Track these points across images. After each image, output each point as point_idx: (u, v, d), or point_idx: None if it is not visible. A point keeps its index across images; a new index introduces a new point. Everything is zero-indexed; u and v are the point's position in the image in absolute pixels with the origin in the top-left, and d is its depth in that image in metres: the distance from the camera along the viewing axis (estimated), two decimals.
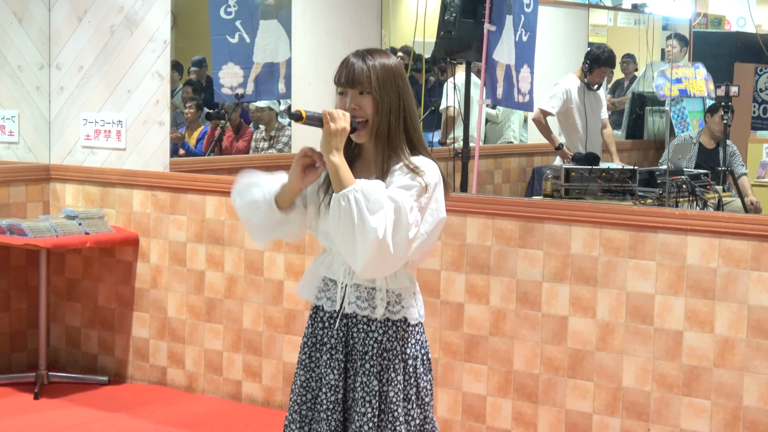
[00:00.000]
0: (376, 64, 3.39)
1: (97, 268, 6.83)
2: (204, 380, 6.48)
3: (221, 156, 7.96)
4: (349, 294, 3.44)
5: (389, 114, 3.37)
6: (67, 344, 6.99)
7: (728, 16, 12.85)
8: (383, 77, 3.38)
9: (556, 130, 8.44)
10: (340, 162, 3.28)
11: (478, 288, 5.57)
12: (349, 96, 3.39)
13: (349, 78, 3.38)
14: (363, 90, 3.38)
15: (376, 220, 3.19)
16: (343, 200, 3.23)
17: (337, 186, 3.27)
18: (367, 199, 3.21)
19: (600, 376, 5.29)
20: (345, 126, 3.30)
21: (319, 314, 3.54)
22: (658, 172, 7.24)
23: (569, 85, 8.31)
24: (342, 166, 3.28)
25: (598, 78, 8.37)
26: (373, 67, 3.38)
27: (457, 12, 6.66)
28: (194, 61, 8.28)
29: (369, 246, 3.19)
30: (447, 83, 8.66)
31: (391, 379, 3.44)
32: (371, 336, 3.44)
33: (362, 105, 3.38)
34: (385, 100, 3.37)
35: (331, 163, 3.28)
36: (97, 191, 6.81)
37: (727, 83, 8.37)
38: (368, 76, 3.37)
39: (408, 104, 3.43)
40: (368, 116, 3.37)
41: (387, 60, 3.43)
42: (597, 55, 8.34)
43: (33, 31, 6.91)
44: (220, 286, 6.38)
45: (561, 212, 5.38)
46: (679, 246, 5.05)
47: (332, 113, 3.31)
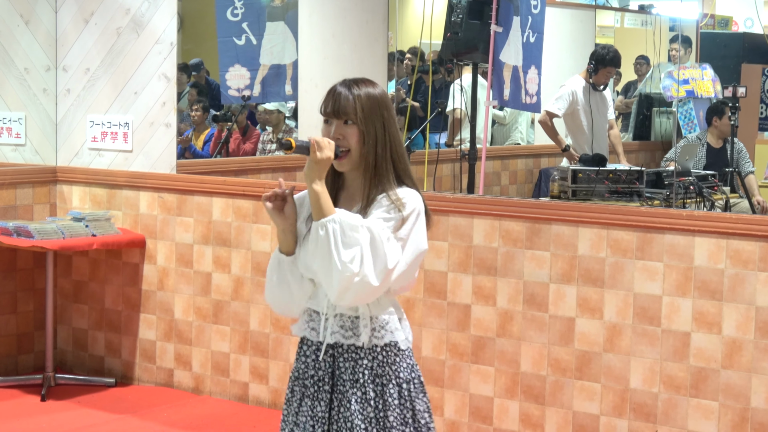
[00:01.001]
0: (362, 94, 3.40)
1: (104, 270, 6.83)
2: (211, 382, 6.48)
3: (228, 158, 7.97)
4: (332, 324, 3.45)
5: (375, 145, 3.39)
6: (73, 346, 6.99)
7: (735, 17, 12.83)
8: (368, 108, 3.39)
9: (563, 131, 8.44)
10: (322, 190, 3.31)
11: (485, 289, 5.57)
12: (333, 125, 3.41)
13: (335, 108, 3.40)
14: (348, 120, 3.39)
15: (349, 253, 3.24)
16: (321, 229, 3.27)
17: (317, 214, 3.30)
18: (344, 232, 3.25)
19: (607, 378, 5.28)
20: (330, 155, 3.32)
21: (303, 346, 3.54)
22: (666, 173, 7.23)
23: (575, 87, 8.30)
24: (323, 194, 3.31)
25: (603, 78, 8.35)
26: (359, 98, 3.40)
27: (463, 13, 6.65)
28: (192, 64, 8.29)
29: (342, 277, 3.24)
30: (454, 85, 8.66)
31: (388, 404, 3.44)
32: (360, 363, 3.44)
33: (346, 135, 3.39)
34: (370, 131, 3.39)
35: (313, 192, 3.30)
36: (103, 193, 6.81)
37: (735, 84, 8.36)
38: (354, 107, 3.38)
39: (393, 133, 3.45)
40: (351, 146, 3.39)
41: (373, 90, 3.45)
42: (602, 56, 8.34)
43: (40, 33, 6.92)
44: (227, 288, 6.38)
45: (568, 213, 5.38)
46: (687, 247, 5.04)
47: (319, 142, 3.31)
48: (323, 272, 3.31)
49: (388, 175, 3.41)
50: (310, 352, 3.51)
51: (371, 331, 3.43)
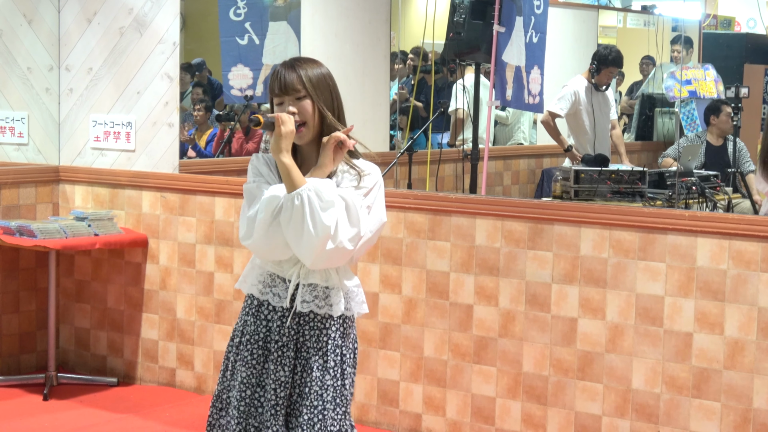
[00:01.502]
0: (306, 69, 3.59)
1: (107, 270, 6.83)
2: (213, 382, 6.48)
3: (231, 157, 7.97)
4: (303, 293, 3.58)
5: (324, 114, 3.57)
6: (76, 345, 7.00)
7: (738, 17, 12.82)
8: (316, 79, 3.58)
9: (565, 131, 8.44)
10: (290, 162, 3.48)
11: (488, 289, 5.57)
12: (285, 103, 3.57)
13: (283, 86, 3.57)
14: (299, 95, 3.56)
15: (328, 217, 3.41)
16: (296, 199, 3.43)
17: (289, 185, 3.47)
18: (320, 198, 3.42)
19: (609, 378, 5.28)
20: (292, 128, 3.51)
21: (264, 310, 3.64)
22: (668, 174, 7.23)
23: (577, 87, 8.31)
24: (293, 167, 3.47)
25: (605, 78, 8.36)
26: (305, 72, 3.58)
27: (466, 13, 6.66)
28: (195, 63, 8.28)
29: (319, 241, 3.40)
30: (456, 85, 8.66)
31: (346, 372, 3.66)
32: (325, 333, 3.61)
33: (300, 108, 3.56)
34: (322, 101, 3.57)
35: (282, 164, 3.48)
36: (106, 193, 6.82)
37: (737, 84, 8.37)
38: (302, 81, 3.56)
39: (340, 105, 3.65)
40: (306, 119, 3.56)
41: (314, 64, 3.63)
42: (604, 56, 8.35)
43: (42, 32, 6.92)
44: (228, 288, 6.38)
45: (570, 214, 5.38)
46: (689, 247, 5.04)
47: (282, 117, 3.50)
48: (296, 239, 3.45)
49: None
50: (273, 318, 3.62)
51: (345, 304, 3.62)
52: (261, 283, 3.65)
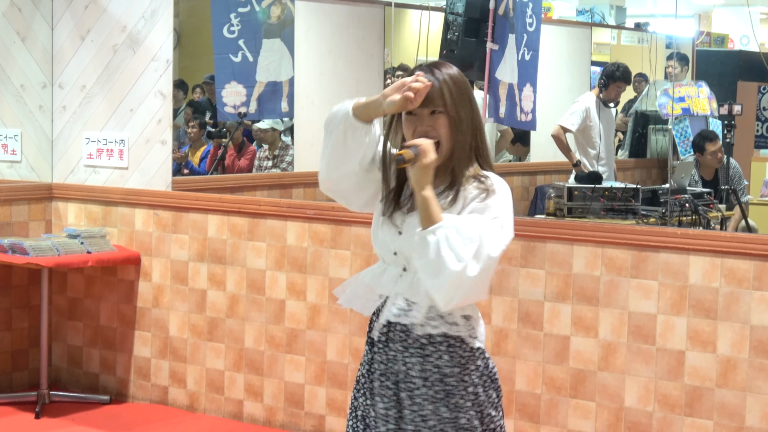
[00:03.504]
0: (447, 79, 3.13)
1: (99, 287, 6.82)
2: (205, 399, 6.46)
3: (224, 175, 7.97)
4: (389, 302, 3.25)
5: (465, 132, 3.16)
6: (68, 363, 6.98)
7: (731, 34, 12.86)
8: (457, 92, 3.14)
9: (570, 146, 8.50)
10: (432, 196, 3.08)
11: (481, 308, 5.54)
12: (419, 117, 3.15)
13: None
14: (435, 109, 3.14)
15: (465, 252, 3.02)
16: (431, 236, 3.04)
17: (425, 221, 3.07)
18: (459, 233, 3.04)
19: (602, 396, 5.27)
20: (435, 157, 3.09)
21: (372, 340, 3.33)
22: (661, 191, 7.24)
23: (588, 103, 8.42)
24: (433, 201, 3.07)
25: (613, 94, 8.47)
26: (446, 83, 3.13)
27: (459, 31, 6.66)
28: (207, 78, 8.29)
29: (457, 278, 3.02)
30: None
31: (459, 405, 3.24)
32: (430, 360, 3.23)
33: (435, 125, 3.14)
34: (461, 118, 3.14)
35: (423, 198, 3.07)
36: (99, 210, 6.81)
37: (731, 102, 8.38)
38: (441, 94, 3.12)
39: (479, 117, 3.22)
40: (441, 137, 3.14)
41: (454, 71, 3.18)
42: (612, 71, 8.47)
43: (36, 50, 6.92)
44: (222, 305, 6.37)
45: (563, 231, 5.38)
46: (682, 265, 5.04)
47: (425, 147, 3.07)
48: (431, 277, 3.05)
49: (472, 161, 3.18)
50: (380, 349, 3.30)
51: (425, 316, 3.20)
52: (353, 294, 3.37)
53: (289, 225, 6.12)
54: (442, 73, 3.14)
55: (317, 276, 6.01)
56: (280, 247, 6.14)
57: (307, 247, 6.04)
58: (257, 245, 6.23)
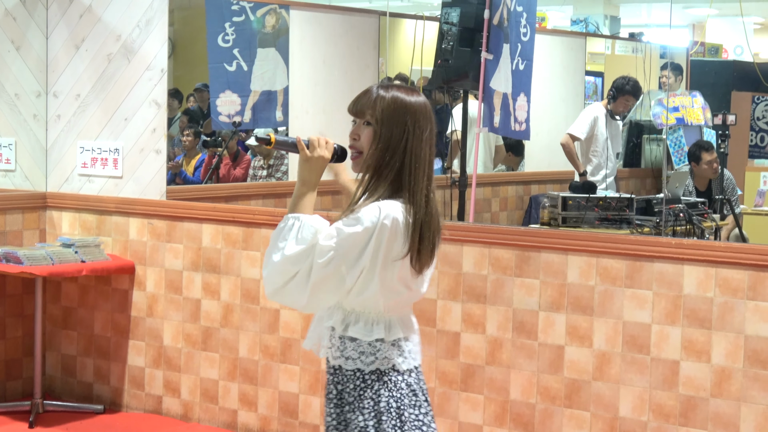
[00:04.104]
0: (387, 96, 3.17)
1: (93, 296, 6.81)
2: (200, 409, 6.45)
3: (218, 184, 7.96)
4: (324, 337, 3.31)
5: (386, 151, 3.15)
6: (62, 372, 6.97)
7: (725, 44, 12.88)
8: (390, 111, 3.16)
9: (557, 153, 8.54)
10: (306, 191, 3.16)
11: (475, 317, 5.56)
12: (355, 124, 3.24)
13: (355, 106, 3.22)
14: (366, 121, 3.19)
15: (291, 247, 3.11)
16: (282, 222, 3.15)
17: (289, 207, 3.18)
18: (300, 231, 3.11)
19: (597, 406, 5.27)
20: (324, 155, 3.17)
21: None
22: (656, 201, 7.25)
23: (597, 113, 8.51)
24: (303, 197, 3.17)
25: (621, 107, 8.58)
26: (382, 99, 3.17)
27: (454, 40, 6.67)
28: (199, 86, 8.29)
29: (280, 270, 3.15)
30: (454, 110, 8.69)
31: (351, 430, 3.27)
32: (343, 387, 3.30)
33: (362, 135, 3.20)
34: (385, 136, 3.15)
35: (298, 189, 3.18)
36: (93, 219, 6.80)
37: (725, 112, 8.38)
38: (373, 107, 3.17)
39: (413, 147, 3.16)
40: (363, 148, 3.19)
41: (407, 96, 3.19)
42: (621, 84, 8.59)
43: (30, 59, 6.92)
44: (216, 315, 6.37)
45: (557, 241, 5.38)
46: (676, 275, 5.04)
47: (311, 140, 3.18)
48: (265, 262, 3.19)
49: (385, 185, 3.16)
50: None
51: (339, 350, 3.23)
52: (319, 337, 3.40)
53: None
54: (389, 92, 3.18)
55: None
56: None
57: None
58: (252, 254, 6.22)
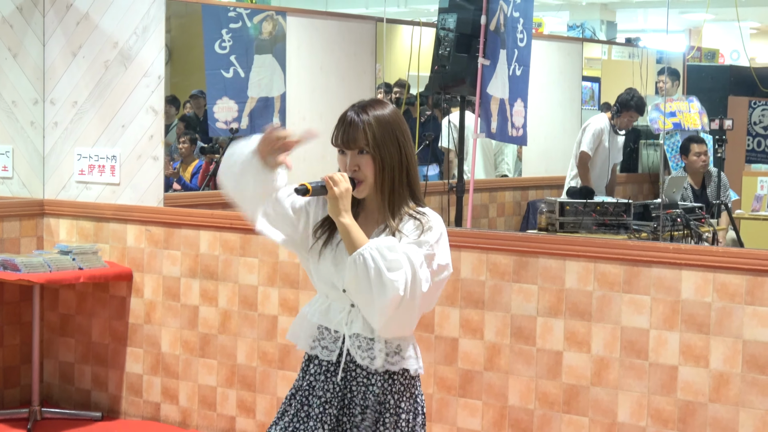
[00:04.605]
0: (371, 120, 3.31)
1: (91, 304, 6.81)
2: (198, 416, 6.45)
3: (216, 190, 7.95)
4: (349, 343, 3.39)
5: (392, 170, 3.33)
6: (60, 380, 6.96)
7: (722, 49, 12.91)
8: (380, 133, 3.31)
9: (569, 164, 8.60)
10: (351, 222, 3.27)
11: (473, 323, 5.56)
12: (348, 156, 3.34)
13: (345, 139, 3.33)
14: (361, 149, 3.32)
15: (396, 276, 3.19)
16: (358, 259, 3.22)
17: (350, 247, 3.26)
18: (384, 257, 3.20)
19: (595, 412, 5.27)
20: (348, 186, 3.28)
21: (312, 365, 3.48)
22: (653, 206, 7.25)
23: (602, 125, 8.58)
24: (353, 227, 3.27)
25: (625, 122, 8.66)
26: (369, 125, 3.30)
27: (451, 46, 6.68)
28: (195, 92, 8.29)
29: (389, 303, 3.20)
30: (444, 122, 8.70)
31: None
32: (371, 390, 3.38)
33: (361, 165, 3.32)
34: (386, 158, 3.32)
35: (342, 225, 3.26)
36: (91, 226, 6.80)
37: (722, 116, 8.40)
38: (365, 136, 3.30)
39: (409, 155, 3.37)
40: (366, 176, 3.33)
41: (382, 111, 3.35)
42: (626, 100, 8.67)
43: (28, 66, 6.92)
44: (214, 322, 6.36)
45: (555, 247, 5.38)
46: (674, 280, 5.04)
47: (333, 177, 3.27)
48: (365, 303, 3.26)
49: (406, 199, 3.36)
50: (318, 372, 3.44)
51: (385, 356, 3.36)
52: (310, 337, 3.47)
53: None
54: (368, 115, 3.31)
55: (310, 292, 6.00)
56: (272, 263, 6.14)
57: (299, 263, 6.03)
58: (249, 261, 6.22)
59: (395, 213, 3.34)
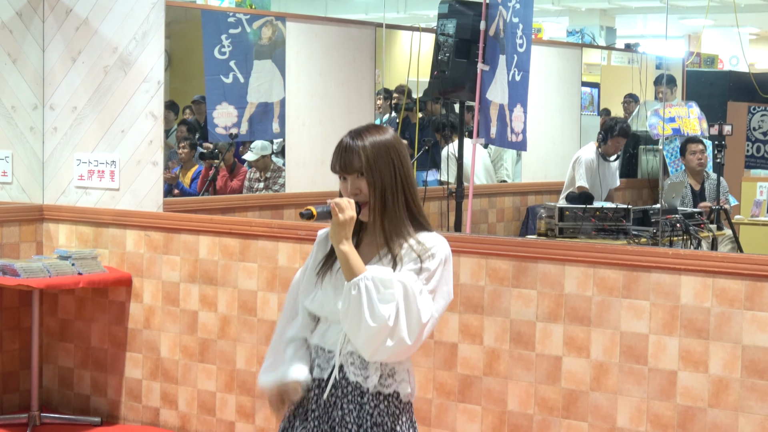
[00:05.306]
0: (366, 144, 3.38)
1: (90, 309, 6.81)
2: (197, 421, 6.44)
3: (215, 196, 7.97)
4: (343, 360, 3.44)
5: (384, 191, 3.38)
6: (59, 385, 6.96)
7: (721, 55, 12.92)
8: (374, 156, 3.37)
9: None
10: (350, 250, 3.33)
11: (472, 328, 5.56)
12: (348, 181, 3.40)
13: (342, 165, 3.39)
14: (359, 173, 3.38)
15: (386, 309, 3.26)
16: (353, 289, 3.28)
17: (348, 274, 3.32)
18: (377, 289, 3.27)
19: (594, 417, 5.26)
20: (352, 214, 3.33)
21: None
22: (652, 212, 7.26)
23: (591, 154, 8.64)
24: (351, 254, 3.32)
25: (612, 149, 8.67)
26: (363, 148, 3.37)
27: (450, 52, 6.68)
28: (197, 98, 8.32)
29: (377, 333, 3.26)
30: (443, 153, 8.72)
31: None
32: (365, 409, 3.42)
33: (362, 188, 3.39)
34: (377, 180, 3.37)
35: (341, 252, 3.32)
36: (90, 231, 6.80)
37: (721, 122, 8.41)
38: (359, 158, 3.36)
39: (406, 176, 3.42)
40: (368, 198, 3.39)
41: (379, 137, 3.41)
42: (611, 126, 8.72)
43: (27, 71, 6.92)
44: (213, 327, 6.36)
45: (554, 252, 5.38)
46: (673, 285, 5.05)
47: (339, 204, 3.33)
48: (354, 331, 3.31)
49: (404, 221, 3.40)
50: (313, 387, 3.50)
51: (379, 377, 3.41)
52: None
53: (280, 246, 6.11)
54: (363, 140, 3.38)
55: None
56: (272, 268, 6.14)
57: (298, 268, 6.03)
58: (249, 266, 6.22)
59: (394, 236, 3.39)
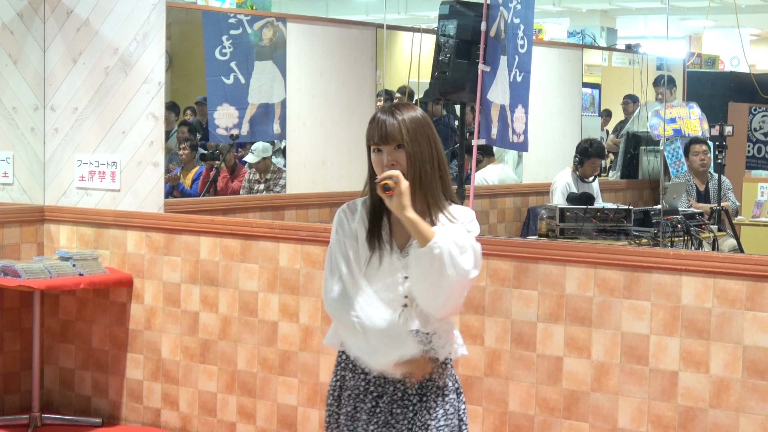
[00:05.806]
0: (405, 118, 3.54)
1: (91, 310, 6.81)
2: (198, 422, 6.44)
3: (216, 197, 7.97)
4: None
5: (423, 163, 3.54)
6: (60, 386, 6.96)
7: (722, 56, 12.92)
8: (413, 129, 3.53)
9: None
10: (416, 217, 3.47)
11: (473, 329, 5.56)
12: (384, 152, 3.53)
13: (382, 135, 3.52)
14: (398, 144, 3.52)
15: (466, 260, 3.48)
16: (436, 249, 3.44)
17: (421, 239, 3.46)
18: (456, 244, 3.46)
19: (595, 417, 5.26)
20: (407, 183, 3.48)
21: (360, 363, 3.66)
22: (653, 212, 7.26)
23: (567, 179, 8.62)
24: (419, 220, 3.47)
25: (589, 170, 8.66)
26: (403, 121, 3.52)
27: (451, 53, 6.67)
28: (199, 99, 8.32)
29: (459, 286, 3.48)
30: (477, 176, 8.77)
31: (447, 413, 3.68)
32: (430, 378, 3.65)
33: (399, 159, 3.53)
34: (417, 152, 3.53)
35: (408, 220, 3.46)
36: (91, 232, 6.80)
37: (722, 123, 8.41)
38: (399, 131, 3.51)
39: (440, 152, 3.61)
40: (404, 169, 3.52)
41: (414, 112, 3.58)
42: (584, 149, 8.72)
43: (28, 72, 6.92)
44: (214, 328, 6.36)
45: (555, 252, 5.38)
46: (674, 286, 5.04)
47: (393, 176, 3.47)
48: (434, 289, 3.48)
49: (439, 193, 3.59)
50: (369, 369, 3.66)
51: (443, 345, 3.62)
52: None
53: (281, 247, 6.11)
54: (402, 114, 3.55)
55: (309, 298, 6.01)
56: (273, 269, 6.14)
57: (299, 269, 6.04)
58: (249, 267, 6.22)
59: (433, 203, 3.57)
